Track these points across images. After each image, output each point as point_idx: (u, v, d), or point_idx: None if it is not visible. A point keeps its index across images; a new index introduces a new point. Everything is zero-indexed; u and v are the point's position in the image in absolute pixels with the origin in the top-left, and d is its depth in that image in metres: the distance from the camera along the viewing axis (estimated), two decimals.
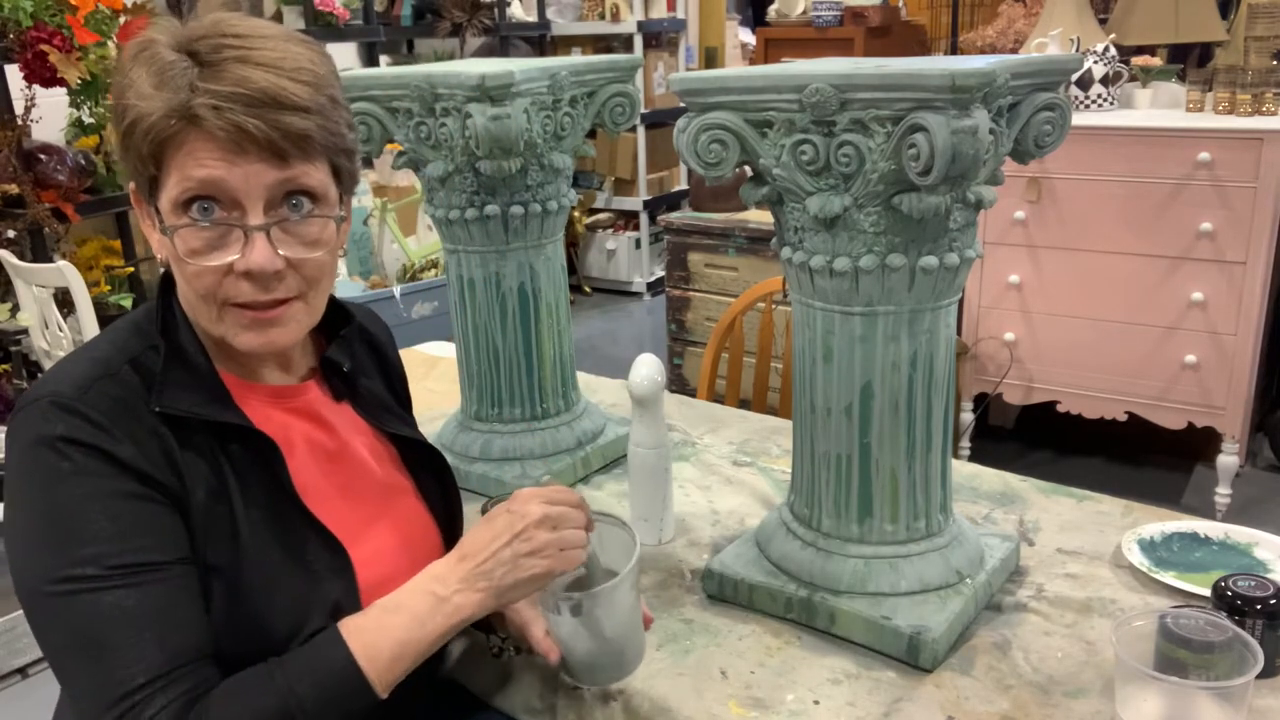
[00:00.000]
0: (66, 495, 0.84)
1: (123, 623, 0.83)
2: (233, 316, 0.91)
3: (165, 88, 0.85)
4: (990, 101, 0.95)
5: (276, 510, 0.94)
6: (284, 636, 0.91)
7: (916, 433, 1.10)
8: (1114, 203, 2.76)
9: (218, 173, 0.86)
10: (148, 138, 0.86)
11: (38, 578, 0.84)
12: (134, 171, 0.90)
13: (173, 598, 0.86)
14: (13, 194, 3.00)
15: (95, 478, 0.85)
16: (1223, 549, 1.23)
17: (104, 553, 0.83)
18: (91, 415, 0.86)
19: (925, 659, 1.04)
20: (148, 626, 0.83)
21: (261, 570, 0.91)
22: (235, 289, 0.90)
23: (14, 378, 3.07)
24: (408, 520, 1.07)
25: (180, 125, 0.85)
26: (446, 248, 1.45)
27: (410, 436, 1.10)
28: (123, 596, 0.83)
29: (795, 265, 1.08)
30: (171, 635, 0.84)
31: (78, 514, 0.84)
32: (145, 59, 0.87)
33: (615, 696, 1.04)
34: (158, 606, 0.84)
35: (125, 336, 0.94)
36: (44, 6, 2.91)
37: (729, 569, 1.17)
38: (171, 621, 0.85)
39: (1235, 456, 2.79)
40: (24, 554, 0.85)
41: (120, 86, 0.89)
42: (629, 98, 1.44)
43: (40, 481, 0.85)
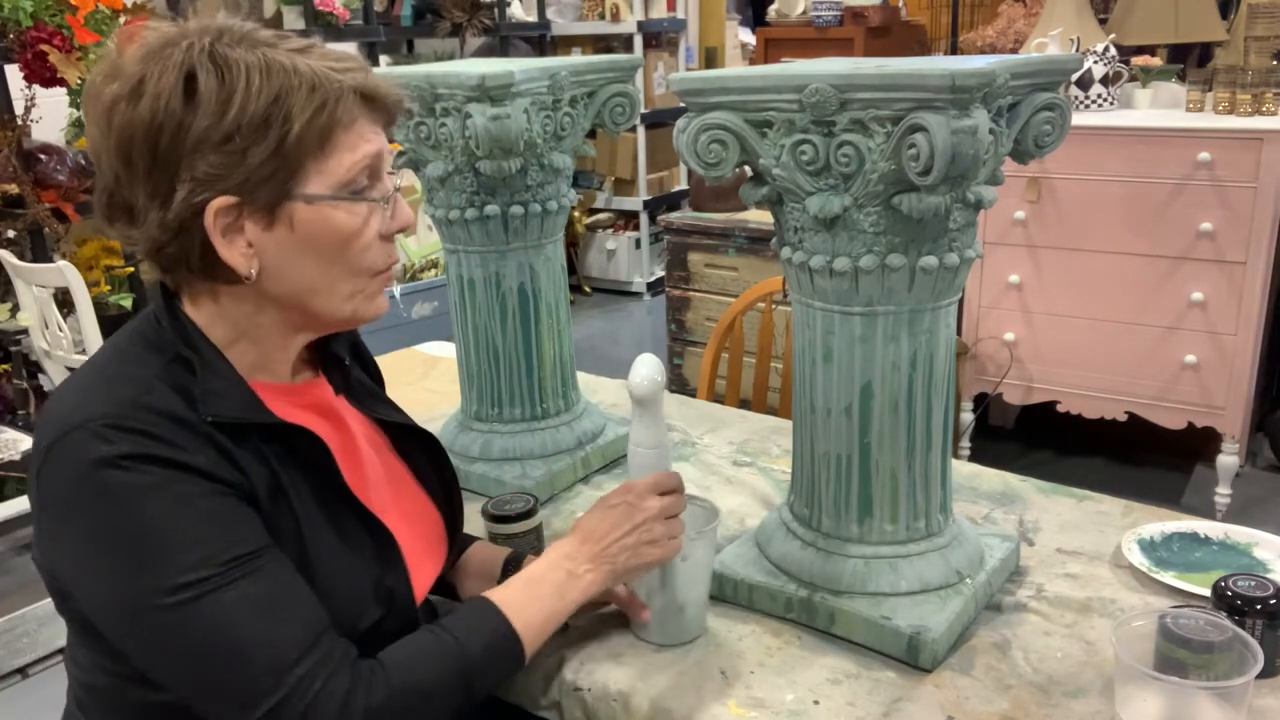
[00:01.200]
0: (155, 507, 0.82)
1: (255, 612, 0.83)
2: (376, 285, 0.95)
3: (317, 74, 0.87)
4: (990, 101, 0.95)
5: (328, 505, 0.95)
6: (345, 627, 0.92)
7: (916, 433, 1.10)
8: (1114, 203, 2.76)
9: (377, 145, 0.91)
10: (314, 123, 0.86)
11: (145, 595, 0.81)
12: (250, 176, 0.86)
13: (287, 577, 0.87)
14: (13, 194, 3.00)
15: (176, 485, 0.83)
16: (1223, 549, 1.23)
17: (213, 553, 0.83)
18: (151, 430, 0.84)
19: (925, 659, 1.04)
20: (281, 607, 0.84)
21: (324, 564, 0.93)
22: (384, 255, 0.95)
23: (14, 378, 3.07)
24: (412, 504, 1.09)
25: (355, 105, 0.89)
26: (446, 248, 1.45)
27: (402, 422, 1.11)
28: (246, 587, 0.83)
29: (795, 265, 1.08)
30: (304, 610, 0.86)
31: (173, 522, 0.82)
32: (250, 56, 0.85)
33: (615, 696, 1.04)
34: (280, 588, 0.85)
35: (139, 353, 0.91)
36: (44, 6, 2.91)
37: (729, 569, 1.17)
38: (298, 598, 0.86)
39: (1235, 456, 2.79)
40: (118, 577, 0.83)
41: (267, 90, 0.85)
42: (629, 98, 1.44)
43: (119, 502, 0.82)
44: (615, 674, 1.06)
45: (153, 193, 0.87)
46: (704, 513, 1.13)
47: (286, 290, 0.92)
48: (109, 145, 0.87)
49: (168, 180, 0.86)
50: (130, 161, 0.86)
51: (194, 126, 0.84)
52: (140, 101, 0.84)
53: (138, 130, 0.84)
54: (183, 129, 0.84)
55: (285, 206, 0.88)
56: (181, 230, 0.87)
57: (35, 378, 3.17)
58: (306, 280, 0.92)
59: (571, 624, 1.10)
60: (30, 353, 3.04)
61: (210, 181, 0.85)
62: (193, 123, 0.84)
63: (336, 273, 0.92)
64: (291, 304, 0.94)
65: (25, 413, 3.08)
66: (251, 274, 0.89)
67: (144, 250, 0.91)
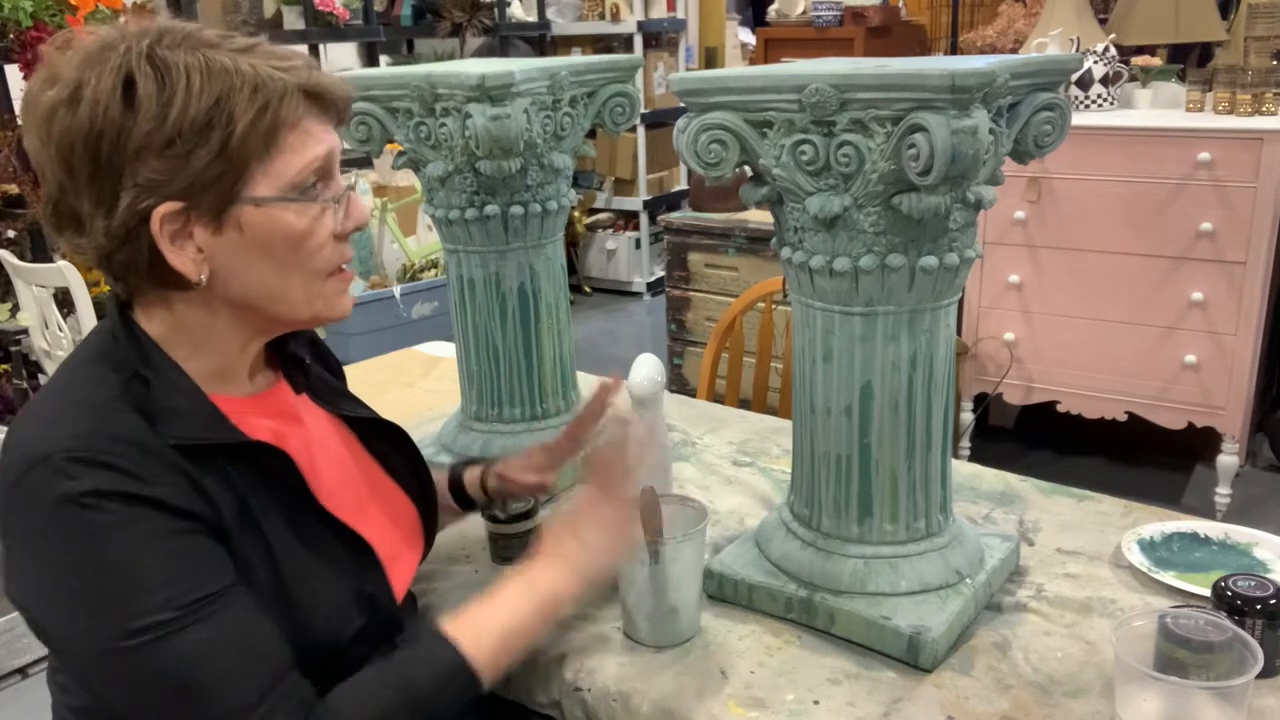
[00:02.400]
0: (118, 547, 0.80)
1: (213, 655, 0.81)
2: (333, 285, 0.94)
3: (260, 74, 0.84)
4: (990, 101, 0.95)
5: (296, 519, 0.94)
6: (329, 640, 0.92)
7: (916, 433, 1.10)
8: (1114, 203, 2.76)
9: (326, 144, 0.90)
10: (259, 125, 0.84)
11: (105, 637, 0.80)
12: (194, 182, 0.84)
13: (247, 618, 0.84)
14: (13, 194, 3.00)
15: (141, 524, 0.81)
16: (1223, 549, 1.23)
17: (174, 594, 0.81)
18: (115, 463, 0.81)
19: (925, 659, 1.04)
20: (240, 651, 0.82)
21: (299, 581, 0.91)
22: (338, 254, 0.93)
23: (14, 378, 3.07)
24: (388, 498, 1.09)
25: (300, 104, 0.87)
26: (446, 248, 1.45)
27: (366, 416, 1.11)
28: (202, 630, 0.81)
29: (795, 265, 1.08)
30: (264, 651, 0.84)
31: (135, 563, 0.80)
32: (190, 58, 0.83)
33: (615, 697, 1.04)
34: (239, 630, 0.83)
35: (98, 372, 0.88)
36: (44, 6, 2.91)
37: (729, 569, 1.17)
38: (258, 638, 0.84)
39: (1235, 456, 2.79)
40: (79, 617, 0.81)
41: (209, 91, 0.83)
42: (629, 98, 1.44)
43: (81, 541, 0.80)
44: (615, 674, 1.06)
45: (97, 200, 0.84)
46: (693, 513, 1.13)
47: (240, 295, 0.90)
48: (49, 154, 0.84)
49: (111, 187, 0.83)
50: (72, 169, 0.84)
51: (134, 132, 0.81)
52: (79, 108, 0.82)
53: (77, 138, 0.82)
54: (123, 135, 0.82)
55: (233, 210, 0.86)
56: (129, 238, 0.85)
57: (35, 378, 3.17)
58: (260, 284, 0.90)
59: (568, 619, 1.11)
60: (30, 353, 3.04)
61: (154, 187, 0.83)
62: (133, 128, 0.81)
63: (291, 275, 0.90)
64: (247, 308, 0.91)
65: None
66: (201, 280, 0.87)
67: (93, 259, 0.89)
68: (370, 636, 0.97)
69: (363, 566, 0.98)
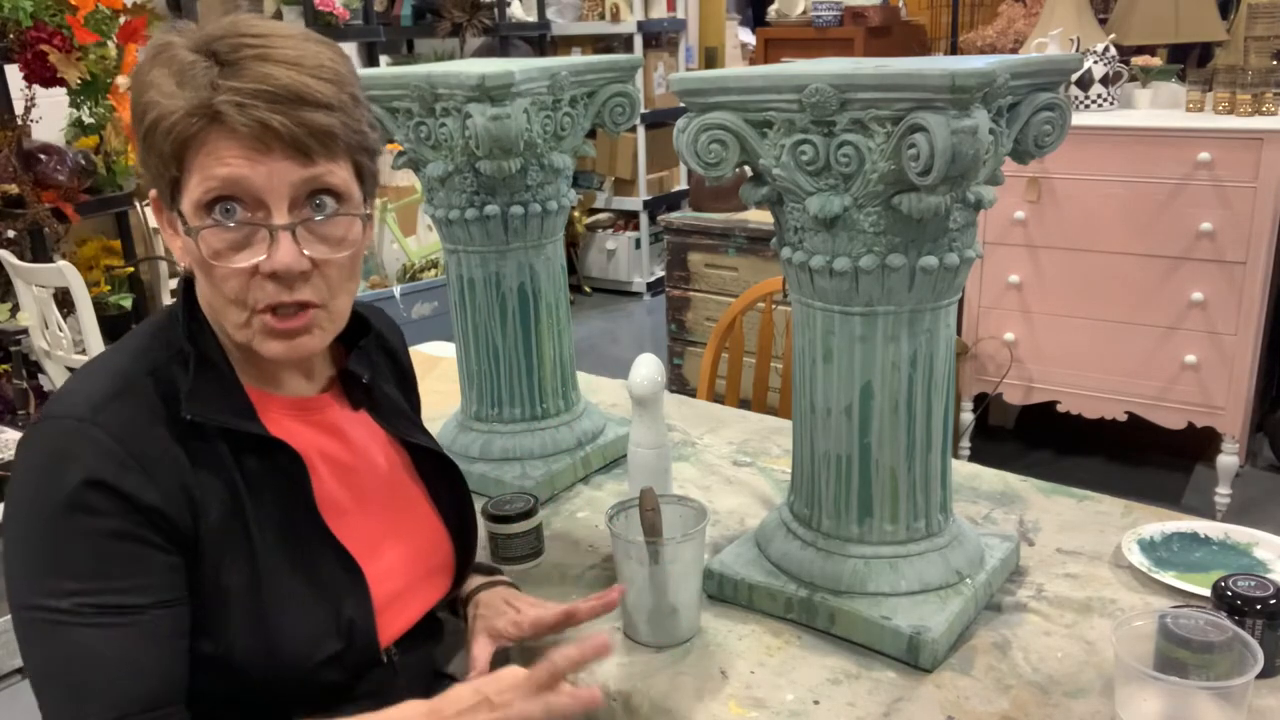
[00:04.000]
0: (58, 526, 0.83)
1: (88, 662, 0.82)
2: (259, 324, 0.89)
3: (186, 86, 0.84)
4: (990, 101, 0.95)
5: (292, 527, 0.93)
6: (299, 657, 0.91)
7: (916, 433, 1.10)
8: (1114, 203, 2.76)
9: (241, 171, 0.84)
10: (169, 137, 0.85)
11: (20, 595, 0.84)
12: (155, 175, 0.89)
13: (142, 643, 0.84)
14: (13, 194, 3.00)
15: (92, 516, 0.83)
16: (1223, 549, 1.23)
17: (82, 589, 0.83)
18: (103, 441, 0.84)
19: (925, 659, 1.04)
20: (119, 669, 0.83)
21: (277, 591, 0.91)
22: (261, 291, 0.88)
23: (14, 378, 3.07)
24: (420, 530, 1.07)
25: (202, 124, 0.84)
26: (446, 248, 1.45)
27: (426, 446, 1.09)
28: (90, 636, 0.83)
29: (795, 265, 1.08)
30: (146, 677, 0.84)
31: (65, 547, 0.83)
32: (164, 60, 0.86)
33: (615, 696, 1.04)
34: (123, 651, 0.83)
35: (147, 343, 0.93)
36: (44, 6, 2.91)
37: (729, 569, 1.17)
38: (135, 668, 0.84)
39: (1235, 456, 2.79)
40: (13, 568, 0.86)
41: (140, 87, 0.87)
42: (629, 98, 1.44)
43: (40, 504, 0.84)
44: (615, 674, 1.06)
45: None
46: (693, 513, 1.13)
47: (206, 299, 0.93)
48: None
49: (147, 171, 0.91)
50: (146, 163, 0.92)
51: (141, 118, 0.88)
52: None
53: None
54: (137, 118, 0.89)
55: (176, 214, 0.89)
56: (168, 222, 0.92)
57: (35, 378, 3.17)
58: (207, 295, 0.92)
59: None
60: (30, 353, 3.04)
61: (145, 172, 0.90)
62: (140, 114, 0.88)
63: (217, 296, 0.90)
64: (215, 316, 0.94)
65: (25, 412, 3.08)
66: (182, 268, 0.92)
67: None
68: (345, 663, 0.95)
69: (347, 590, 0.96)
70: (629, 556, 1.07)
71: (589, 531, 1.35)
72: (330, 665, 0.93)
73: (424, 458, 1.09)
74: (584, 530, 1.35)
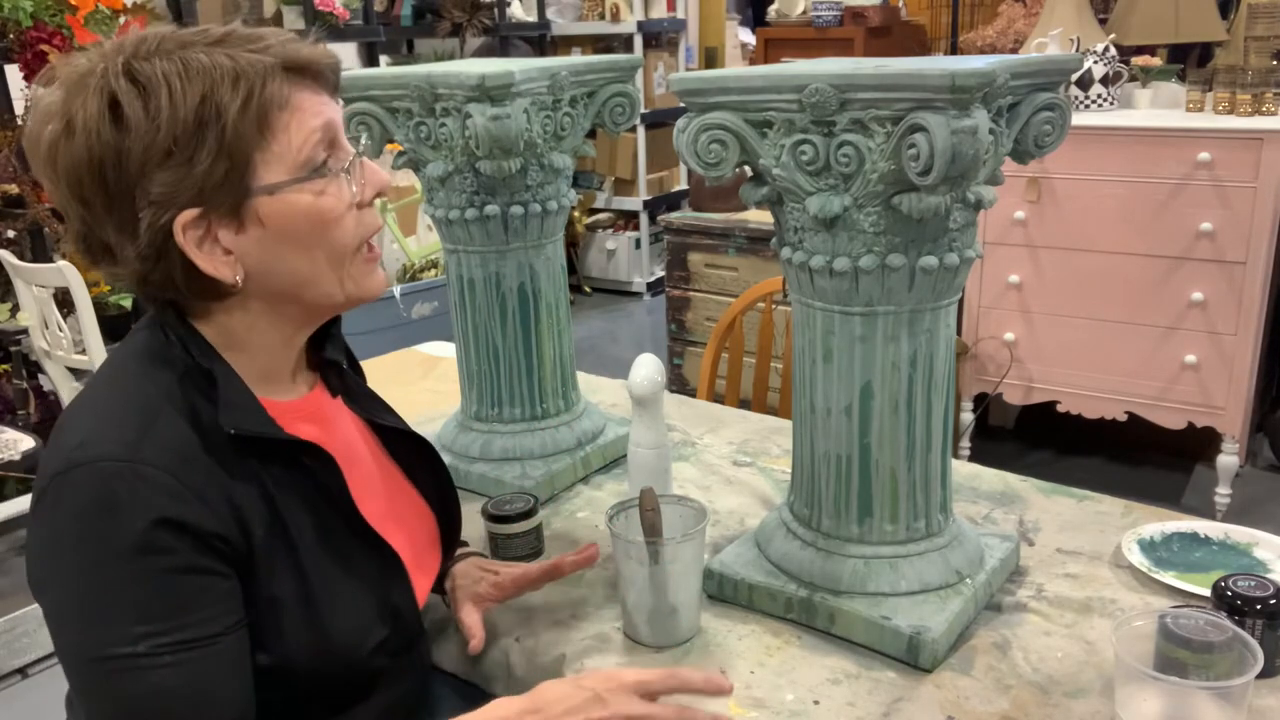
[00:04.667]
0: (125, 572, 0.80)
1: (169, 702, 0.80)
2: (362, 261, 0.92)
3: (239, 62, 0.83)
4: (990, 101, 0.95)
5: (325, 526, 0.93)
6: (351, 649, 0.92)
7: (916, 433, 1.10)
8: (1114, 203, 2.77)
9: (330, 115, 0.88)
10: (247, 113, 0.82)
11: (85, 647, 0.80)
12: (200, 184, 0.83)
13: (219, 673, 0.83)
14: (13, 194, 3.00)
15: (162, 555, 0.80)
16: (1223, 549, 1.23)
17: (155, 631, 0.80)
18: (153, 477, 0.81)
19: (925, 659, 1.04)
20: (192, 705, 0.81)
21: (326, 591, 0.91)
22: (364, 225, 0.91)
23: (14, 378, 3.07)
24: (409, 510, 1.08)
25: (285, 82, 0.85)
26: (446, 248, 1.45)
27: (398, 428, 1.09)
28: (167, 676, 0.80)
29: (795, 265, 1.08)
30: (216, 712, 0.83)
31: (133, 591, 0.80)
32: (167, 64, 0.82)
33: None
34: (201, 684, 0.82)
35: (145, 369, 0.88)
36: (44, 6, 2.91)
37: (729, 569, 1.17)
38: (216, 699, 0.83)
39: (1235, 456, 2.79)
40: (72, 622, 0.82)
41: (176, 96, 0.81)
42: (629, 98, 1.44)
43: (99, 553, 0.80)
44: None
45: (119, 227, 0.85)
46: (693, 514, 1.13)
47: (277, 288, 0.90)
48: (63, 191, 0.85)
49: (129, 210, 0.83)
50: (87, 201, 0.84)
51: (133, 150, 0.81)
52: (74, 139, 0.82)
53: (82, 169, 0.82)
54: (123, 156, 0.82)
55: (249, 204, 0.85)
56: (159, 256, 0.85)
57: (35, 378, 3.17)
58: (294, 272, 0.89)
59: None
60: (30, 353, 3.04)
61: (168, 200, 0.83)
62: (130, 147, 0.81)
63: (321, 256, 0.89)
64: (284, 300, 0.91)
65: (25, 412, 3.08)
66: (238, 281, 0.87)
67: (133, 285, 0.89)
68: (391, 647, 0.96)
69: (389, 577, 0.97)
70: (629, 556, 1.07)
71: (589, 531, 1.35)
72: (378, 652, 0.94)
73: (394, 438, 1.10)
74: (584, 530, 1.35)
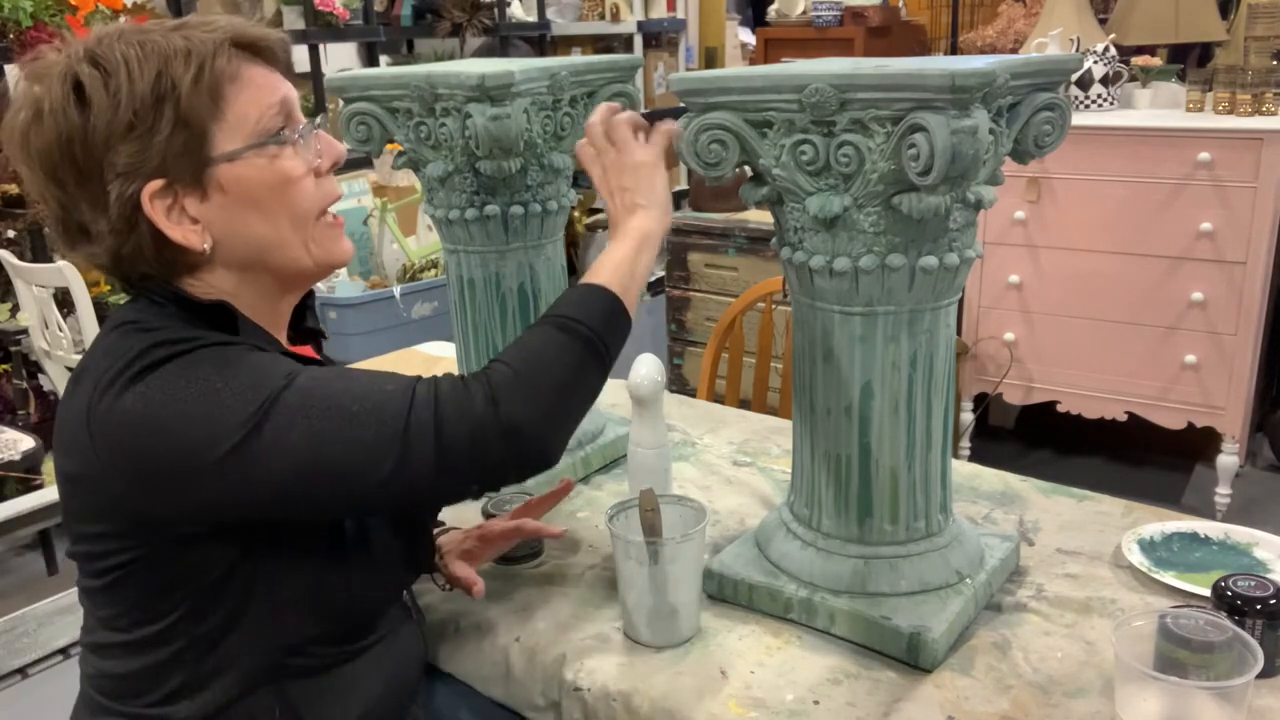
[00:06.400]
0: (238, 355, 0.87)
1: (356, 370, 0.90)
2: (325, 227, 0.97)
3: (191, 41, 0.88)
4: (990, 101, 0.95)
5: None
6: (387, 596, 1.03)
7: (916, 433, 1.10)
8: (1114, 203, 2.76)
9: (285, 90, 0.93)
10: (200, 84, 0.87)
11: (243, 408, 0.84)
12: (161, 154, 0.88)
13: (351, 370, 0.92)
14: (13, 194, 3.00)
15: (243, 348, 0.89)
16: (1223, 549, 1.23)
17: (276, 370, 0.87)
18: (203, 337, 0.89)
19: (925, 659, 1.04)
20: (360, 383, 0.88)
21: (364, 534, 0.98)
22: (324, 192, 0.96)
23: (14, 378, 3.07)
24: None
25: (234, 57, 0.90)
26: (446, 248, 1.45)
27: None
28: (322, 379, 0.88)
29: (795, 265, 1.08)
30: (384, 378, 0.90)
31: (251, 359, 0.88)
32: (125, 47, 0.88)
33: (615, 696, 1.04)
34: (345, 375, 0.90)
35: (152, 322, 0.92)
36: (44, 6, 2.91)
37: (729, 569, 1.17)
38: (369, 374, 0.90)
39: (1235, 456, 2.79)
40: (203, 418, 0.84)
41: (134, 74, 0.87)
42: (629, 98, 1.43)
43: (187, 369, 0.85)
44: (615, 674, 1.06)
45: (92, 203, 0.89)
46: (692, 513, 1.13)
47: (244, 254, 0.94)
48: (38, 175, 0.90)
49: (99, 186, 0.88)
50: (61, 181, 0.89)
51: (96, 127, 0.86)
52: (43, 122, 0.87)
53: (53, 150, 0.88)
54: (89, 133, 0.87)
55: (210, 172, 0.90)
56: (129, 229, 0.89)
57: (35, 378, 3.17)
58: (257, 238, 0.93)
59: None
60: (30, 353, 3.04)
61: (133, 171, 0.88)
62: (94, 123, 0.86)
63: (280, 221, 0.93)
64: (254, 267, 0.95)
65: (25, 412, 3.08)
66: (206, 248, 0.91)
67: (107, 263, 0.93)
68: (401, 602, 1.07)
69: (412, 524, 1.06)
70: (629, 556, 1.07)
71: (589, 531, 1.35)
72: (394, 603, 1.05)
73: None
74: (584, 530, 1.35)
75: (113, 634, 0.93)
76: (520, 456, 0.89)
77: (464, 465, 0.87)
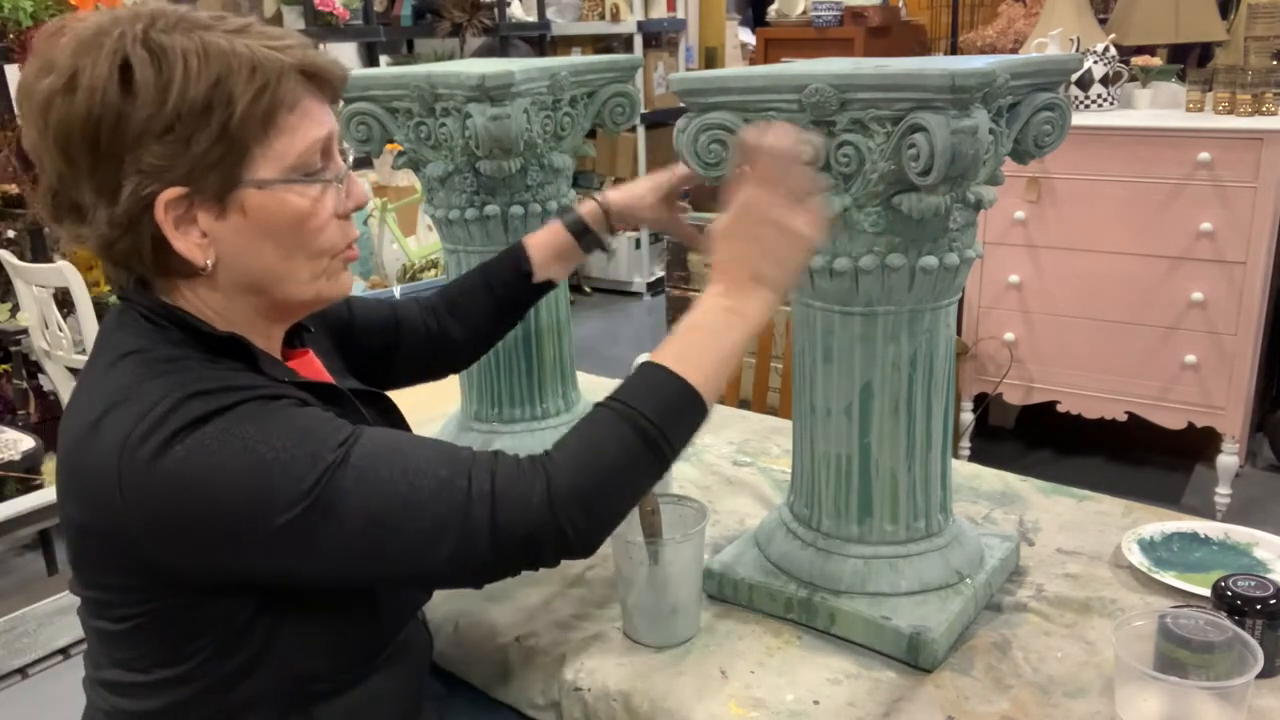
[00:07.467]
0: (283, 415, 0.83)
1: (400, 444, 0.86)
2: (338, 264, 0.93)
3: (256, 55, 0.83)
4: (990, 101, 0.95)
5: None
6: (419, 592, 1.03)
7: (916, 433, 1.10)
8: (1114, 203, 2.76)
9: (331, 126, 0.89)
10: (258, 105, 0.82)
11: (297, 483, 0.80)
12: (197, 165, 0.82)
13: (394, 433, 0.90)
14: (13, 194, 3.00)
15: (266, 408, 0.83)
16: (1223, 549, 1.23)
17: (326, 436, 0.83)
18: (231, 383, 0.83)
19: (925, 659, 1.04)
20: (415, 447, 0.87)
21: None
22: (343, 232, 0.92)
23: (14, 378, 3.07)
24: None
25: (296, 84, 0.85)
26: (446, 248, 1.45)
27: (356, 389, 1.06)
28: (364, 449, 0.84)
29: None
30: (431, 443, 0.90)
31: (298, 421, 0.83)
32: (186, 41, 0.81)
33: (615, 696, 1.04)
34: (396, 438, 0.88)
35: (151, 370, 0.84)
36: (44, 6, 2.91)
37: (729, 569, 1.17)
38: (417, 440, 0.90)
39: (1235, 456, 2.79)
40: (257, 489, 0.79)
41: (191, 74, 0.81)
42: (629, 98, 1.44)
43: (232, 429, 0.80)
44: (615, 674, 1.06)
45: (98, 189, 0.83)
46: (692, 513, 1.13)
47: (245, 279, 0.89)
48: (48, 144, 0.83)
49: (113, 175, 0.82)
50: (71, 159, 0.82)
51: (134, 118, 0.80)
52: (75, 96, 0.80)
53: (75, 126, 0.81)
54: (122, 121, 0.80)
55: (236, 193, 0.84)
56: (131, 225, 0.83)
57: (35, 378, 3.18)
58: (265, 267, 0.88)
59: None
60: (30, 353, 3.04)
61: (156, 173, 0.82)
62: (132, 114, 0.80)
63: (295, 256, 0.89)
64: (250, 290, 0.90)
65: (25, 413, 3.08)
66: (207, 265, 0.86)
67: (94, 247, 0.87)
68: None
69: None
70: (629, 557, 1.08)
71: None
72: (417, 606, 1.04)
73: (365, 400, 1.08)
74: None
75: (129, 674, 0.88)
76: (568, 554, 0.89)
77: (514, 561, 0.87)
